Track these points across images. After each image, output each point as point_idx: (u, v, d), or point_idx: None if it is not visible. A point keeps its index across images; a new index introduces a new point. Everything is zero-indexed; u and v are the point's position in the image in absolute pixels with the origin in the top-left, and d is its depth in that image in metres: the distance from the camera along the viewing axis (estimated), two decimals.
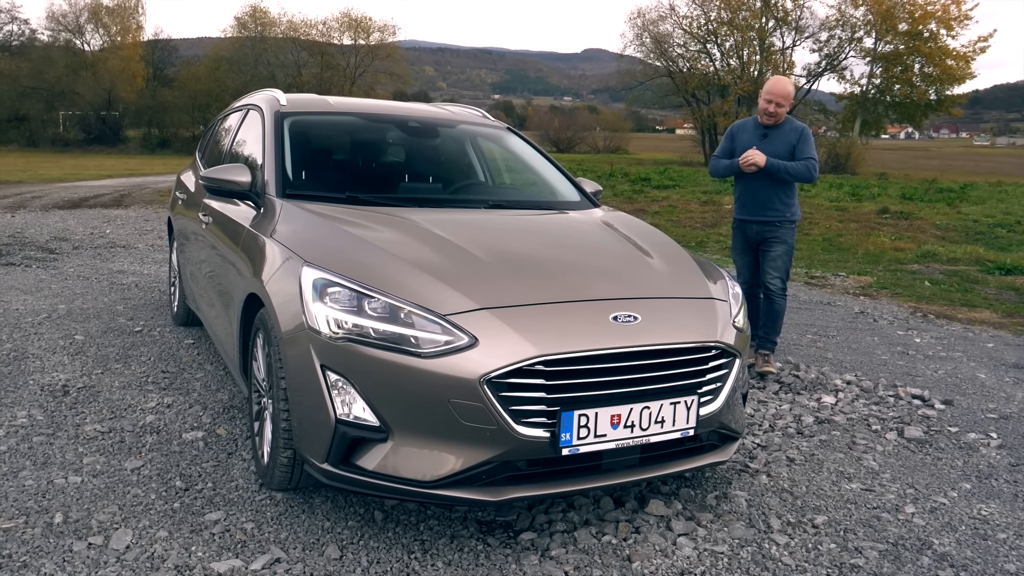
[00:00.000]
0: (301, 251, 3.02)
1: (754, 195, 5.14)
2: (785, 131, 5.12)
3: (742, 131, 5.28)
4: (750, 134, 5.21)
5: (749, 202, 5.18)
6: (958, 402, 4.70)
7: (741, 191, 5.25)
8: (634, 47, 47.66)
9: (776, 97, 5.05)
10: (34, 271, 7.78)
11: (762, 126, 5.18)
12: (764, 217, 5.13)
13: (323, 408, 2.72)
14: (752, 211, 5.17)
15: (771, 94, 5.07)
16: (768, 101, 5.07)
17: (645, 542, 2.90)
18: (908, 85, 40.35)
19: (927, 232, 13.61)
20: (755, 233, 5.18)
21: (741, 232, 5.30)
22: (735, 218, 5.33)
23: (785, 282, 5.16)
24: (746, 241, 5.27)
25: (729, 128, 5.47)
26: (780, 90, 5.07)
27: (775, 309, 5.18)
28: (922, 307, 7.75)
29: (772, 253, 5.13)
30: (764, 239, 5.15)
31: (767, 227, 5.13)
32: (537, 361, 2.61)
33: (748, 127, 5.28)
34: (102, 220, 12.31)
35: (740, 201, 5.26)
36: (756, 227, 5.16)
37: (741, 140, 5.21)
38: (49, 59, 46.01)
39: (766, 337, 5.21)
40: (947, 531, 3.09)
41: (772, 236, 5.13)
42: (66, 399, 4.15)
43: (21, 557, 2.64)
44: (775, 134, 5.12)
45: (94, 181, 21.44)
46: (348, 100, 4.84)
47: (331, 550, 2.77)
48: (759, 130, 5.19)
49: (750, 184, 5.14)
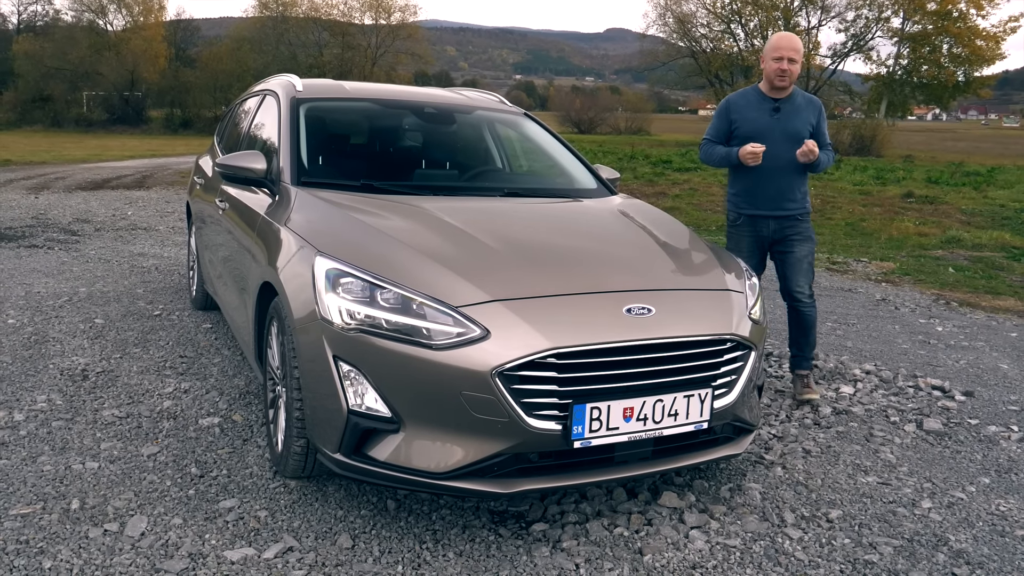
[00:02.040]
0: (314, 240, 3.02)
1: (769, 185, 4.22)
2: (800, 105, 4.24)
3: (744, 106, 4.28)
4: (756, 109, 4.24)
5: (762, 194, 4.24)
6: (979, 393, 4.63)
7: (749, 181, 4.27)
8: (657, 27, 47.34)
9: (787, 52, 4.11)
10: (56, 253, 7.86)
11: (770, 98, 4.23)
12: (784, 211, 4.24)
13: (335, 398, 2.72)
14: (768, 205, 4.25)
15: (780, 48, 4.13)
16: (778, 59, 4.12)
17: (657, 535, 2.89)
18: (936, 66, 39.70)
19: (952, 217, 13.41)
20: (772, 231, 4.29)
21: (751, 230, 4.33)
22: (740, 214, 4.35)
23: (812, 287, 4.38)
24: (758, 241, 4.34)
25: (723, 102, 4.44)
26: (789, 41, 4.16)
27: (806, 321, 4.36)
28: (945, 294, 7.64)
29: (796, 254, 4.29)
30: (784, 238, 4.29)
31: (788, 223, 4.27)
32: (549, 354, 2.60)
33: (752, 100, 4.28)
34: (124, 202, 12.41)
35: (748, 193, 4.29)
36: (774, 224, 4.27)
37: (746, 117, 4.25)
38: (73, 39, 46.34)
39: (800, 355, 4.41)
40: (964, 527, 3.05)
41: (794, 233, 4.28)
42: (85, 383, 4.19)
43: (38, 543, 2.68)
44: (789, 109, 4.21)
45: (117, 162, 21.60)
46: (364, 85, 4.83)
47: (343, 539, 2.78)
48: (767, 103, 4.23)
49: (763, 172, 4.18)
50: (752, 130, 4.20)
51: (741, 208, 4.35)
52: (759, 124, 4.20)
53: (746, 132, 4.22)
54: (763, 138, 4.15)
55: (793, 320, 4.42)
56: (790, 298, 4.36)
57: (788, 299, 4.38)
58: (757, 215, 4.30)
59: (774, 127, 4.19)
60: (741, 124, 4.25)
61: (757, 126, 4.20)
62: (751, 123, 4.22)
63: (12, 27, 57.05)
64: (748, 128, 4.22)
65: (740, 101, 4.33)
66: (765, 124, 4.20)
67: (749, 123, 4.23)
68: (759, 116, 4.22)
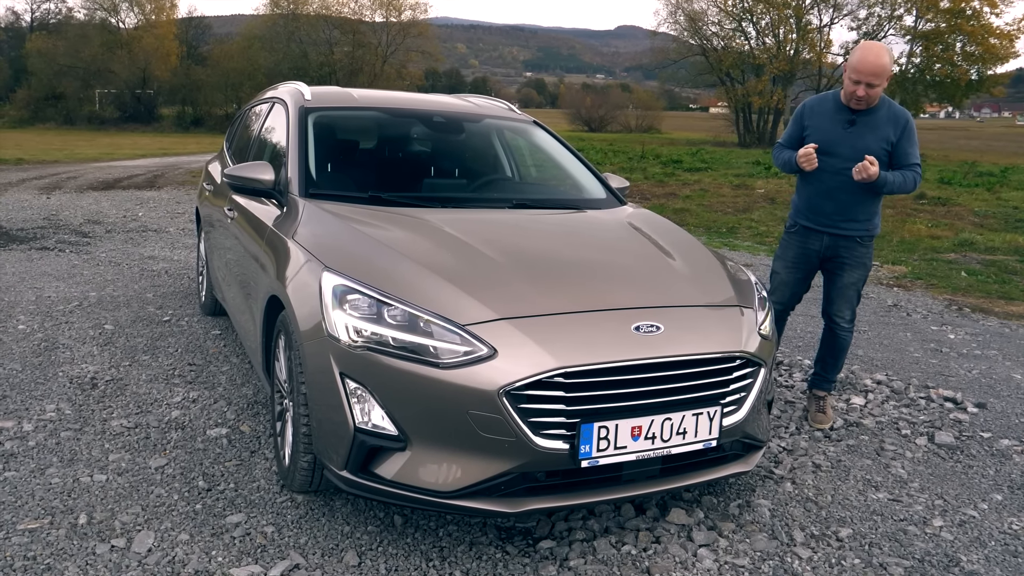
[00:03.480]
0: (322, 255, 3.01)
1: (829, 200, 3.98)
2: (880, 119, 3.89)
3: (819, 113, 4.02)
4: (831, 119, 3.95)
5: (823, 208, 4.00)
6: (992, 405, 4.59)
7: (812, 192, 4.03)
8: (668, 24, 47.28)
9: (866, 77, 3.74)
10: (67, 256, 7.89)
11: (847, 109, 3.92)
12: (842, 230, 3.99)
13: (342, 415, 2.71)
14: (826, 221, 4.01)
15: (859, 72, 3.75)
16: (856, 82, 3.78)
17: (665, 553, 2.87)
18: (949, 64, 39.36)
19: (965, 219, 13.32)
20: (824, 247, 4.06)
21: (802, 241, 4.11)
22: (796, 222, 4.16)
23: (855, 312, 4.19)
24: (805, 255, 4.12)
25: (800, 107, 4.15)
26: (871, 66, 3.73)
27: (840, 344, 4.19)
28: (958, 299, 7.59)
29: (847, 279, 4.07)
30: (836, 256, 4.06)
31: (844, 243, 4.02)
32: (557, 373, 2.58)
33: (828, 107, 3.99)
34: (135, 202, 12.45)
35: (809, 205, 4.05)
36: (828, 240, 4.03)
37: (818, 125, 3.98)
38: (85, 37, 46.59)
39: (823, 375, 4.24)
40: (976, 547, 3.02)
41: (849, 257, 4.03)
42: (94, 392, 4.20)
43: (45, 559, 2.68)
44: (866, 121, 3.88)
45: (128, 161, 21.69)
46: (372, 93, 4.81)
47: (350, 556, 2.78)
48: (843, 114, 3.93)
49: (826, 186, 3.96)
50: (821, 140, 3.94)
51: (798, 217, 4.15)
52: (830, 135, 3.94)
53: (815, 141, 3.95)
54: (832, 150, 3.92)
55: (827, 340, 4.27)
56: (828, 319, 4.22)
57: (826, 319, 4.24)
58: (812, 228, 4.09)
59: (844, 140, 3.90)
60: (812, 132, 4.01)
61: (828, 136, 3.94)
62: (822, 132, 3.97)
63: (25, 25, 57.45)
64: (818, 137, 3.96)
65: (817, 107, 4.06)
66: (837, 136, 3.93)
67: (820, 132, 3.97)
68: (832, 127, 3.95)
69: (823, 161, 3.92)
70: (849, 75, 3.82)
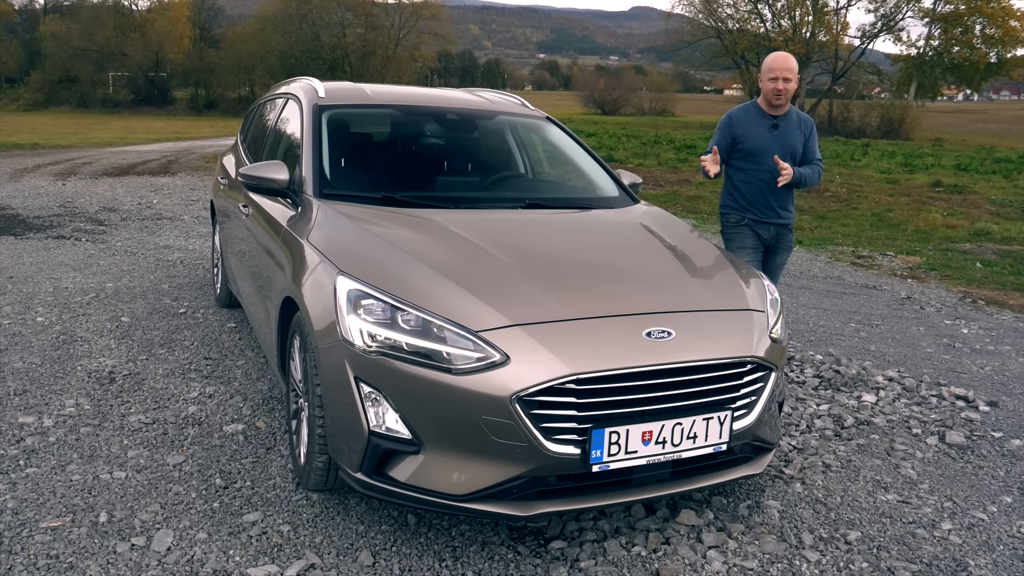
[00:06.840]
0: (336, 259, 3.04)
1: (774, 195, 4.47)
2: (793, 124, 4.48)
3: (746, 123, 4.48)
4: (757, 126, 4.45)
5: (762, 203, 4.49)
6: (1004, 403, 4.59)
7: (756, 191, 4.49)
8: (683, 6, 46.81)
9: (782, 72, 4.34)
10: (83, 245, 7.96)
11: (768, 116, 4.45)
12: (783, 219, 4.56)
13: (356, 419, 2.75)
14: (771, 213, 4.51)
15: (774, 70, 4.35)
16: (773, 79, 4.35)
17: (675, 555, 2.91)
18: (968, 47, 38.93)
19: (981, 208, 13.23)
20: (771, 236, 4.57)
21: (754, 232, 4.56)
22: (744, 217, 4.55)
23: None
24: (759, 242, 4.58)
25: (726, 117, 4.62)
26: (783, 62, 4.37)
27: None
28: (972, 292, 7.56)
29: (779, 260, 4.67)
30: (776, 243, 4.61)
31: (782, 231, 4.59)
32: (568, 379, 2.61)
33: (752, 117, 4.49)
34: (149, 189, 12.52)
35: (746, 200, 4.51)
36: (773, 230, 4.56)
37: (748, 132, 4.44)
38: (98, 20, 46.72)
39: None
40: (984, 551, 3.04)
41: (783, 242, 4.62)
42: (112, 387, 4.26)
43: (67, 558, 2.74)
44: (786, 127, 4.45)
45: (142, 145, 21.79)
46: (386, 89, 4.82)
47: (364, 556, 2.83)
48: (766, 120, 4.45)
49: (763, 181, 4.44)
50: (754, 145, 4.45)
51: (745, 213, 4.56)
52: (760, 140, 4.44)
53: (749, 147, 4.46)
54: (764, 154, 4.41)
55: None
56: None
57: None
58: (759, 220, 4.55)
59: (774, 143, 4.42)
60: (744, 139, 4.47)
61: (759, 141, 4.44)
62: (753, 139, 4.45)
63: (39, 8, 57.56)
64: (751, 144, 4.45)
65: (742, 117, 4.53)
66: (766, 140, 4.43)
67: (752, 139, 4.45)
68: (760, 132, 4.45)
69: (759, 163, 4.44)
70: (767, 76, 4.40)
